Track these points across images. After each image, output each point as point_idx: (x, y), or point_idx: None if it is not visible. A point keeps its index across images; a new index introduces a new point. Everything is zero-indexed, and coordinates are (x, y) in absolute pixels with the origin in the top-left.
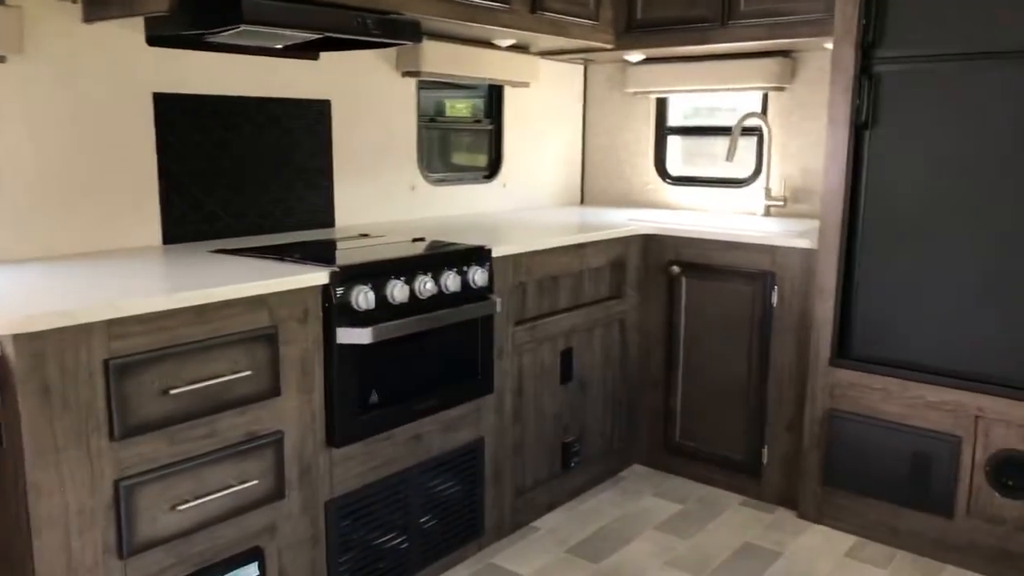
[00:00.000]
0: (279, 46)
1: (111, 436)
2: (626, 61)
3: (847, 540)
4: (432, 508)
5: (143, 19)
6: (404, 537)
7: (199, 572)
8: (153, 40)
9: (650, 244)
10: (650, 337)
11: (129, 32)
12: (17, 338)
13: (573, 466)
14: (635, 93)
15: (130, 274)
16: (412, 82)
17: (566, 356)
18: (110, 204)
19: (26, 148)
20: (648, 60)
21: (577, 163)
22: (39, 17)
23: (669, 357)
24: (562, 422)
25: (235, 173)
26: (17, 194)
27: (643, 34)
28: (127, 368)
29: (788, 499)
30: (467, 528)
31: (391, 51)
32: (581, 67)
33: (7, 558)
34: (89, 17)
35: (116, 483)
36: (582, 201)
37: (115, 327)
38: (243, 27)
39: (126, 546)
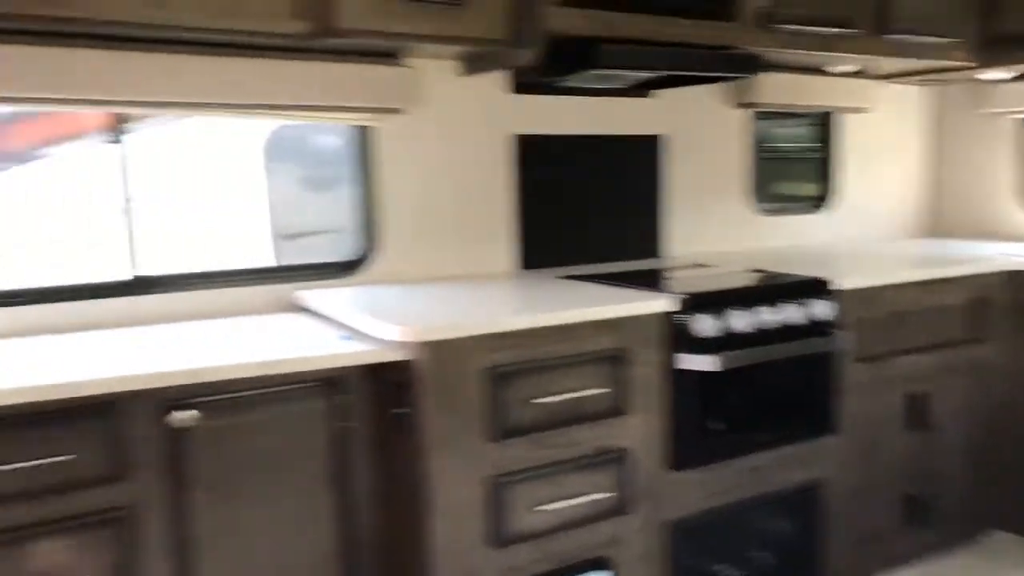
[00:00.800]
0: (626, 87)
1: (489, 437)
2: (979, 80)
3: None
4: (770, 545)
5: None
6: (744, 572)
7: (555, 571)
8: (518, 87)
9: (1020, 281)
10: (1019, 386)
11: (494, 81)
12: (424, 345)
13: (922, 522)
14: (996, 114)
15: (499, 296)
16: (745, 113)
17: (914, 401)
18: (475, 233)
19: (414, 186)
20: (1015, 77)
21: (920, 191)
22: (426, 73)
23: None
24: (909, 472)
25: (577, 205)
26: (408, 226)
27: (1009, 49)
28: (503, 377)
29: None
30: (805, 571)
31: (722, 84)
32: (925, 88)
33: (397, 541)
34: (466, 72)
35: (491, 479)
36: (931, 232)
37: (494, 340)
38: (598, 71)
39: (499, 537)
